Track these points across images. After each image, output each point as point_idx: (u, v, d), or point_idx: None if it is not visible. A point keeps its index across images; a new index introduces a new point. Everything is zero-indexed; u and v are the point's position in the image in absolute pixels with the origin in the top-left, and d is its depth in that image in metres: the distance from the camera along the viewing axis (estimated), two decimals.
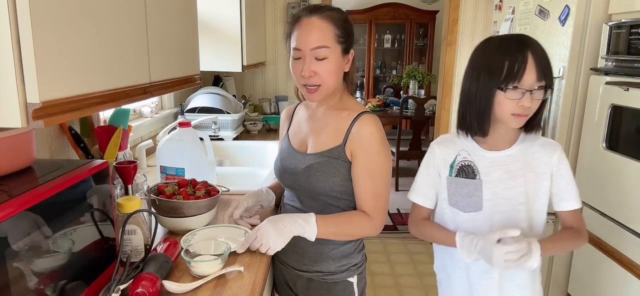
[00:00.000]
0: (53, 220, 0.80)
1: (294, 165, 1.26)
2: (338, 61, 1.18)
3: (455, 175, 1.25)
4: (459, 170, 1.24)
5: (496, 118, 1.16)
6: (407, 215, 3.98)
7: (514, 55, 1.08)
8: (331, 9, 1.20)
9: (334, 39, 1.15)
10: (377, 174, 1.17)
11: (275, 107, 3.24)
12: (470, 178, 1.22)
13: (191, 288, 1.02)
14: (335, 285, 1.27)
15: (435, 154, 1.29)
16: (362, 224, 1.19)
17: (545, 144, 1.22)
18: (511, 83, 1.08)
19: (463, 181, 1.23)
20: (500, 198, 1.21)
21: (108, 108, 0.95)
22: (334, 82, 1.19)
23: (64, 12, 0.77)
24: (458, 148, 1.25)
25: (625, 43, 1.76)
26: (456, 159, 1.25)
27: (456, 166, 1.25)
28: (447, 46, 3.23)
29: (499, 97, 1.11)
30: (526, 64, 1.07)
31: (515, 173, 1.19)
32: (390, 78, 6.32)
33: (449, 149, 1.27)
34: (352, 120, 1.19)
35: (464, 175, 1.23)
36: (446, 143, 1.29)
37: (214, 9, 2.50)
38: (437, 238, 1.29)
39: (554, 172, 1.20)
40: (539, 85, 1.09)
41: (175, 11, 1.32)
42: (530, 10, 2.26)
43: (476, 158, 1.23)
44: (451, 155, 1.26)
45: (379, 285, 2.89)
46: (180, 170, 1.59)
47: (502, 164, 1.21)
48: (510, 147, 1.21)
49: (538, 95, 1.10)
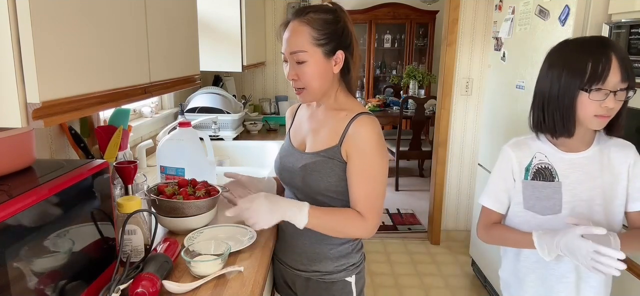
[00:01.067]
0: (53, 220, 0.80)
1: (292, 163, 1.26)
2: (319, 64, 1.17)
3: (531, 178, 1.23)
4: (535, 173, 1.23)
5: (578, 120, 1.14)
6: (407, 215, 4.04)
7: (597, 55, 1.07)
8: (317, 9, 1.18)
9: (311, 42, 1.15)
10: (371, 175, 1.16)
11: (275, 107, 3.24)
12: (548, 181, 1.21)
13: (191, 288, 1.02)
14: (333, 284, 1.27)
15: (511, 158, 1.26)
16: (354, 223, 1.16)
17: (620, 144, 1.21)
18: (595, 84, 1.07)
19: (541, 184, 1.21)
20: (579, 200, 1.20)
21: (108, 108, 0.95)
22: (317, 85, 1.19)
23: (64, 12, 0.77)
24: (533, 151, 1.24)
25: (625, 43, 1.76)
26: (532, 162, 1.23)
27: (532, 169, 1.23)
28: (447, 46, 3.23)
29: (582, 98, 1.10)
30: (610, 65, 1.06)
31: (593, 175, 1.18)
32: (390, 78, 6.33)
33: (524, 152, 1.25)
34: (349, 120, 1.19)
35: (541, 178, 1.22)
36: (521, 146, 1.27)
37: (214, 9, 2.50)
38: (512, 240, 1.26)
39: (630, 172, 1.19)
40: (622, 87, 1.08)
41: (175, 11, 1.32)
42: (530, 10, 2.26)
43: (554, 160, 1.21)
44: (527, 158, 1.24)
45: (378, 285, 2.89)
46: (180, 170, 1.59)
47: (581, 166, 1.20)
48: (587, 148, 1.20)
49: (621, 96, 1.09)
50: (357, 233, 1.20)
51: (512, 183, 1.27)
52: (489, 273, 2.73)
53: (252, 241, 1.24)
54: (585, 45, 1.12)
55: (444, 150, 3.40)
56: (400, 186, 4.72)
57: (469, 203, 3.48)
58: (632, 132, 1.72)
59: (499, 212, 1.31)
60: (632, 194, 1.20)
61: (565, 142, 1.20)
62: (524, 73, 2.30)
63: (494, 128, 2.68)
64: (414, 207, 4.24)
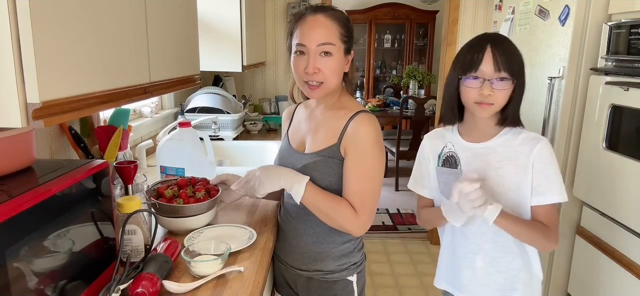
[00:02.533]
0: (53, 220, 0.80)
1: (292, 164, 1.26)
2: (341, 60, 1.20)
3: (441, 165, 1.32)
4: (444, 161, 1.32)
5: (466, 109, 1.25)
6: (407, 215, 4.03)
7: (474, 47, 1.19)
8: (334, 9, 1.23)
9: (339, 37, 1.18)
10: (367, 173, 1.17)
11: (275, 107, 3.24)
12: (452, 168, 1.29)
13: (191, 288, 1.02)
14: (335, 283, 1.27)
15: (425, 146, 1.38)
16: (346, 214, 1.16)
17: (528, 138, 1.23)
18: (470, 72, 1.18)
19: (447, 170, 1.30)
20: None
21: (108, 108, 0.95)
22: (336, 80, 1.21)
23: (64, 12, 0.77)
24: (446, 140, 1.33)
25: (625, 43, 1.76)
26: (443, 150, 1.33)
27: (442, 157, 1.33)
28: (447, 46, 3.23)
29: (462, 86, 1.20)
30: (483, 55, 1.16)
31: (493, 165, 1.24)
32: (390, 78, 6.33)
33: (438, 141, 1.35)
34: (349, 118, 1.19)
35: (448, 165, 1.31)
36: (436, 136, 1.37)
37: (214, 9, 2.50)
38: (432, 219, 1.37)
39: (534, 166, 1.21)
40: (500, 77, 1.15)
41: (175, 11, 1.32)
42: (530, 10, 2.26)
43: (458, 149, 1.30)
44: (439, 146, 1.34)
45: (379, 285, 2.89)
46: (180, 170, 1.59)
47: (482, 156, 1.26)
48: (490, 139, 1.26)
49: (499, 85, 1.16)
50: (347, 226, 1.18)
51: (427, 169, 1.37)
52: None
53: (252, 241, 1.24)
54: (471, 42, 1.23)
55: None
56: (400, 186, 4.72)
57: None
58: (632, 132, 1.73)
59: (424, 196, 1.39)
60: (534, 188, 1.22)
61: (470, 132, 1.28)
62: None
63: None
64: (414, 207, 4.23)
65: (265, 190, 1.19)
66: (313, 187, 1.17)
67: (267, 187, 1.19)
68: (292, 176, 1.18)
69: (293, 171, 1.20)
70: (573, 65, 1.99)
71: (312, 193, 1.17)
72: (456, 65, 1.23)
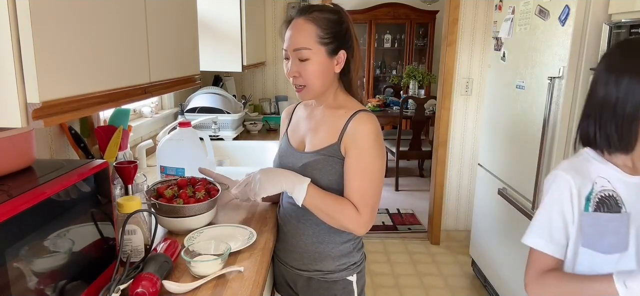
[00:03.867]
0: (53, 220, 0.80)
1: (292, 163, 1.26)
2: (322, 63, 1.18)
3: (593, 209, 1.00)
4: (598, 203, 1.00)
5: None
6: (407, 215, 4.03)
7: None
8: (322, 9, 1.20)
9: (316, 40, 1.16)
10: (367, 171, 1.17)
11: (275, 107, 3.24)
12: (614, 212, 0.99)
13: (191, 288, 1.02)
14: (335, 283, 1.27)
15: (570, 185, 1.01)
16: (348, 213, 1.16)
17: None
18: None
19: (606, 216, 0.99)
20: None
21: (108, 108, 0.95)
22: (319, 83, 1.20)
23: (64, 12, 0.77)
24: (593, 175, 1.02)
25: None
26: (593, 189, 1.01)
27: (594, 198, 1.00)
28: (447, 46, 3.23)
29: None
30: None
31: None
32: (390, 78, 6.33)
33: (583, 178, 1.02)
34: (348, 117, 1.19)
35: (606, 209, 1.00)
36: (578, 170, 1.03)
37: (214, 9, 2.50)
38: (585, 290, 0.98)
39: None
40: None
41: (175, 11, 1.32)
42: (530, 10, 2.26)
43: (617, 186, 1.00)
44: (587, 184, 1.01)
45: (379, 285, 2.89)
46: (180, 170, 1.59)
47: None
48: None
49: None
50: (350, 225, 1.18)
51: (572, 218, 1.02)
52: (489, 273, 2.73)
53: (252, 241, 1.24)
54: None
55: (444, 150, 3.40)
56: (400, 186, 4.72)
57: (468, 203, 3.48)
58: None
59: (555, 256, 1.04)
60: None
61: (633, 162, 1.00)
62: (524, 73, 2.30)
63: (494, 129, 2.68)
64: (414, 207, 4.24)
65: (267, 192, 1.19)
66: (314, 189, 1.17)
67: (268, 190, 1.19)
68: (293, 178, 1.18)
69: (294, 173, 1.20)
70: (573, 65, 1.99)
71: (313, 195, 1.17)
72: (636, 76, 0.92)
